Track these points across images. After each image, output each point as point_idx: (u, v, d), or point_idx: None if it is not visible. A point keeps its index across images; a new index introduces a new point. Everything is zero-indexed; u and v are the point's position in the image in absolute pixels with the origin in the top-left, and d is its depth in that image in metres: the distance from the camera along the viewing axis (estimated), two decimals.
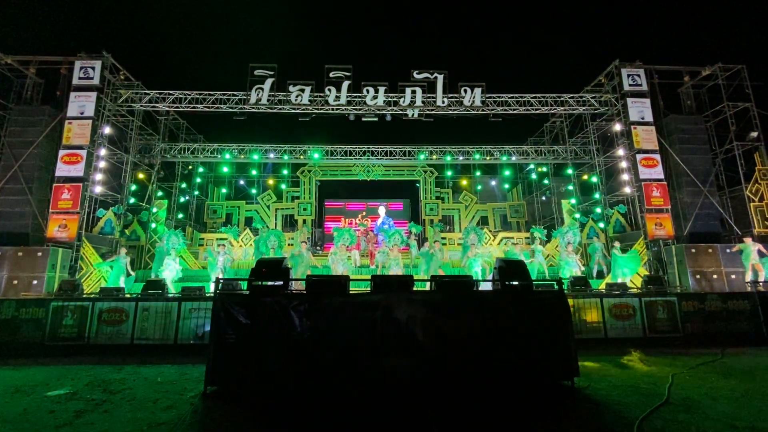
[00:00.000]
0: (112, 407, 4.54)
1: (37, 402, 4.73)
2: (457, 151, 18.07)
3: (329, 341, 5.23)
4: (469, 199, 20.47)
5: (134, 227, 15.36)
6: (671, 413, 4.24)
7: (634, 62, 14.25)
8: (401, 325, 5.31)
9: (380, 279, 5.92)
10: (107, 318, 8.06)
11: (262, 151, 17.70)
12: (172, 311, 8.12)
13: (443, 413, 4.39)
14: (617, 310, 8.53)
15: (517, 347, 5.34)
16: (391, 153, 18.07)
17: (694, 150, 14.05)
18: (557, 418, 4.32)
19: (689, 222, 13.45)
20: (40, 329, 7.95)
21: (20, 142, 12.58)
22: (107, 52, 13.40)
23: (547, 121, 18.86)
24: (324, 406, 4.68)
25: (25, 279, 10.85)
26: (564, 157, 17.71)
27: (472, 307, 5.61)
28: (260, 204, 19.97)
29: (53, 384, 5.52)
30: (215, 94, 14.55)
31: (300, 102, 14.12)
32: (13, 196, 12.23)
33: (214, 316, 5.34)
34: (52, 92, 13.73)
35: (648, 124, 13.80)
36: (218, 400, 4.89)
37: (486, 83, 14.49)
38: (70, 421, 4.11)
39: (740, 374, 5.86)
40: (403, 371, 5.13)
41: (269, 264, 5.92)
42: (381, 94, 14.25)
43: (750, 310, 8.61)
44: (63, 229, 11.92)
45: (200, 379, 5.25)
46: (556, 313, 5.51)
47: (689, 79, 14.88)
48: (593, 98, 15.12)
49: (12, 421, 4.13)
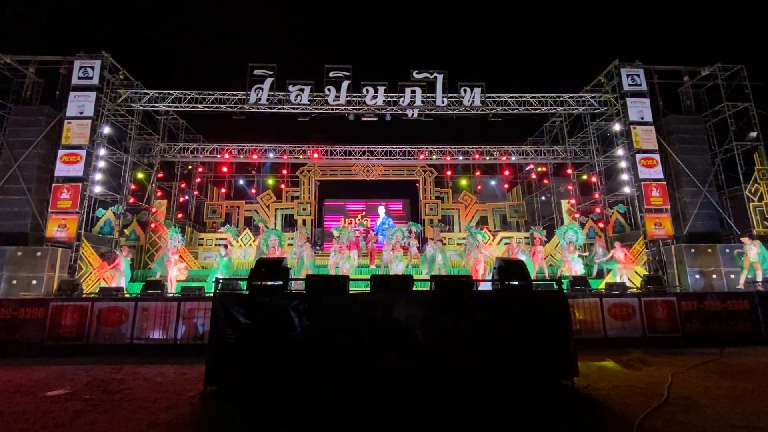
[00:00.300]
0: (112, 407, 4.53)
1: (37, 402, 4.72)
2: (457, 151, 18.07)
3: (329, 341, 5.23)
4: (469, 199, 20.48)
5: (133, 227, 15.35)
6: (671, 413, 4.24)
7: (633, 62, 14.26)
8: (401, 325, 5.30)
9: (380, 279, 5.91)
10: (107, 318, 8.06)
11: (261, 151, 17.70)
12: (172, 311, 8.12)
13: (442, 413, 4.39)
14: (616, 310, 8.54)
15: (517, 347, 5.34)
16: (390, 153, 18.07)
17: (693, 150, 14.07)
18: (556, 417, 4.32)
19: (689, 222, 13.47)
20: (39, 329, 7.95)
21: (19, 141, 12.57)
22: (106, 52, 13.38)
23: (546, 121, 18.86)
24: (324, 406, 4.67)
25: (24, 279, 10.85)
26: (564, 157, 17.72)
27: (471, 307, 5.61)
28: (260, 204, 19.97)
29: (52, 384, 5.51)
30: (215, 94, 14.54)
31: (299, 102, 14.12)
32: (12, 195, 12.22)
33: (214, 316, 5.34)
34: (52, 92, 13.72)
35: (647, 124, 13.80)
36: (218, 400, 4.88)
37: (485, 83, 14.52)
38: (69, 421, 4.10)
39: (739, 374, 5.86)
40: (402, 371, 5.13)
41: (269, 264, 5.92)
42: (381, 94, 14.24)
43: (749, 309, 8.62)
44: (62, 229, 11.91)
45: (200, 379, 5.25)
46: (555, 313, 5.51)
47: (689, 79, 14.89)
48: (593, 98, 15.12)
49: (11, 421, 4.12)
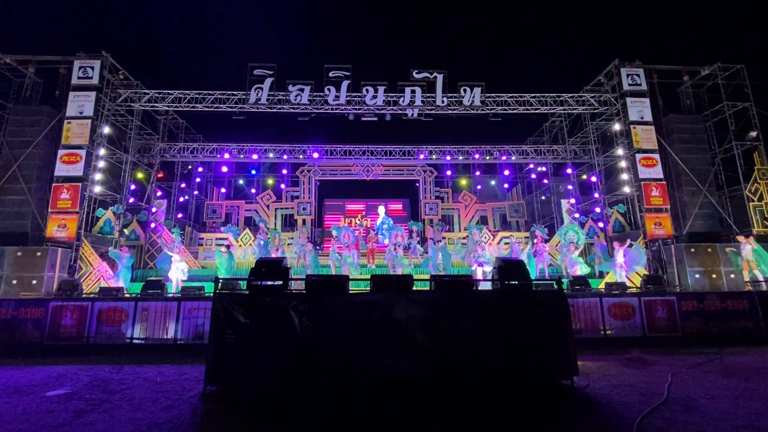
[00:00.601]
0: (112, 407, 4.53)
1: (37, 402, 4.73)
2: (457, 150, 18.07)
3: (328, 341, 5.23)
4: (469, 198, 20.48)
5: (133, 227, 15.34)
6: (671, 412, 4.24)
7: (633, 62, 14.25)
8: (401, 325, 5.31)
9: (380, 279, 5.91)
10: (107, 318, 8.06)
11: (261, 151, 17.69)
12: (172, 311, 8.12)
13: (443, 412, 4.39)
14: (616, 310, 8.54)
15: (517, 346, 5.34)
16: (390, 153, 18.08)
17: (693, 149, 14.06)
18: (556, 417, 4.32)
19: (688, 221, 13.46)
20: (39, 329, 7.95)
21: (19, 141, 12.57)
22: (106, 52, 13.37)
23: (546, 120, 18.87)
24: (323, 405, 4.68)
25: (24, 279, 10.84)
26: (563, 156, 17.73)
27: (471, 307, 5.62)
28: (259, 204, 19.97)
29: (52, 384, 5.52)
30: (214, 94, 14.54)
31: (299, 101, 14.12)
32: (12, 195, 12.22)
33: (214, 316, 5.34)
34: (51, 92, 13.72)
35: (647, 124, 13.80)
36: (218, 399, 4.88)
37: (485, 83, 14.53)
38: (70, 421, 4.10)
39: (739, 373, 5.87)
40: (402, 370, 5.13)
41: (269, 264, 5.92)
42: (380, 94, 14.24)
43: (749, 309, 8.62)
44: (62, 229, 11.91)
45: (200, 379, 5.25)
46: (555, 313, 5.51)
47: (689, 78, 14.88)
48: (593, 98, 15.12)
49: (11, 421, 4.12)
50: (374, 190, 22.40)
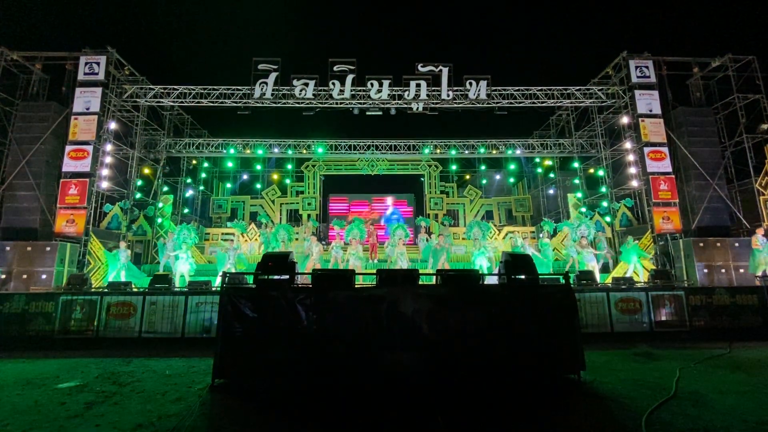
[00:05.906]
0: (122, 399, 4.60)
1: (49, 394, 4.80)
2: (462, 144, 17.96)
3: (335, 334, 5.26)
4: (474, 193, 20.39)
5: (141, 222, 15.46)
6: (679, 407, 4.22)
7: (642, 54, 14.01)
8: (407, 319, 5.32)
9: (386, 273, 5.93)
10: (115, 312, 8.16)
11: (266, 146, 17.69)
12: (180, 305, 8.20)
13: (449, 405, 4.40)
14: (624, 305, 8.49)
15: (523, 341, 5.34)
16: (395, 147, 18.00)
17: (702, 143, 13.83)
18: (563, 411, 4.31)
19: (697, 216, 13.30)
20: (49, 323, 8.07)
21: (27, 137, 12.66)
22: (112, 48, 13.39)
23: (553, 114, 18.65)
24: (330, 398, 4.71)
25: (34, 273, 10.98)
26: (570, 150, 17.55)
27: (477, 300, 5.61)
28: (264, 199, 20.03)
29: (63, 376, 5.60)
30: (219, 89, 14.53)
31: (304, 96, 14.07)
32: (21, 191, 12.34)
33: (222, 310, 5.38)
34: (58, 88, 13.76)
35: (656, 117, 13.59)
36: (226, 392, 4.94)
37: (491, 76, 14.33)
38: (81, 412, 4.17)
39: (748, 368, 5.82)
40: (408, 364, 5.15)
41: (275, 258, 5.95)
42: (385, 88, 14.14)
43: (758, 304, 8.53)
44: (71, 224, 12.02)
45: (208, 372, 5.31)
46: (562, 307, 5.50)
47: (698, 70, 14.61)
48: (600, 90, 14.92)
49: (24, 412, 4.20)
50: (379, 185, 22.40)
